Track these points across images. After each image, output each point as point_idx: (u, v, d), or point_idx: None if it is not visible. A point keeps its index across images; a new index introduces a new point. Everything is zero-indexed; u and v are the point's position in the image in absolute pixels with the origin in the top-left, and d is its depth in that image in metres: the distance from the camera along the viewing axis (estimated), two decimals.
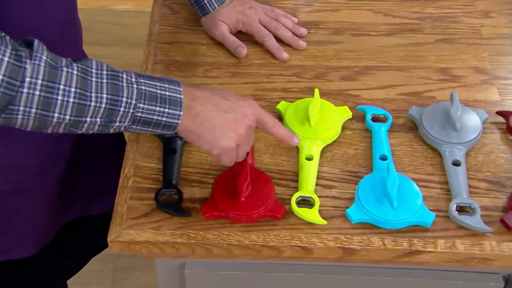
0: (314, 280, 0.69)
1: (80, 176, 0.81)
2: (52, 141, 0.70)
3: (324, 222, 0.62)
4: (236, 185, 0.61)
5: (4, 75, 0.50)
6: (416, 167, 0.69)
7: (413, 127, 0.74)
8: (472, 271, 0.66)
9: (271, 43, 0.82)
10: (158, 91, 0.58)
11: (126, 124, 0.57)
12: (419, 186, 0.66)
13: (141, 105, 0.57)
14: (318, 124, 0.71)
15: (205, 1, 0.80)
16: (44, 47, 0.53)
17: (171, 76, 0.80)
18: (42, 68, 0.51)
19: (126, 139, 0.73)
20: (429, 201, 0.65)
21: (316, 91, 0.73)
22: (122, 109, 0.56)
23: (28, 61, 0.51)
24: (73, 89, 0.53)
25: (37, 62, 0.51)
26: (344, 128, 0.74)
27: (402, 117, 0.75)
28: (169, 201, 0.63)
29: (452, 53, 0.83)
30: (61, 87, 0.52)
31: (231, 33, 0.82)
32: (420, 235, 0.62)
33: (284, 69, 0.82)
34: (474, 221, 0.61)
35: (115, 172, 0.68)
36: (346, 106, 0.75)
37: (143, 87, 0.57)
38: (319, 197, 0.65)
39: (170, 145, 0.68)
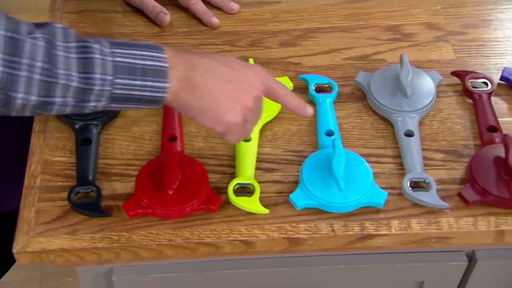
0: (260, 275, 0.69)
1: None
2: None
3: (266, 211, 0.62)
4: (163, 177, 0.59)
5: None
6: (366, 141, 0.69)
7: (361, 95, 0.73)
8: (434, 251, 0.68)
9: (198, 6, 0.79)
10: (138, 61, 0.54)
11: (103, 103, 0.54)
12: (370, 162, 0.66)
13: (119, 81, 0.54)
14: None
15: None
16: (3, 14, 0.50)
17: None
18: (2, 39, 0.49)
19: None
20: (381, 178, 0.65)
21: (250, 61, 0.71)
22: (97, 87, 0.53)
23: None
24: (39, 64, 0.50)
25: None
26: None
27: (349, 85, 0.74)
28: (86, 200, 0.61)
29: (402, 8, 0.83)
30: (25, 61, 0.50)
31: None
32: (373, 217, 0.62)
33: (215, 37, 0.80)
34: (430, 197, 0.62)
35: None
36: (286, 77, 0.74)
37: (119, 59, 0.54)
38: (259, 182, 0.64)
39: (84, 135, 0.66)
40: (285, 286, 0.71)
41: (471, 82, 0.72)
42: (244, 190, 0.64)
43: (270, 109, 0.70)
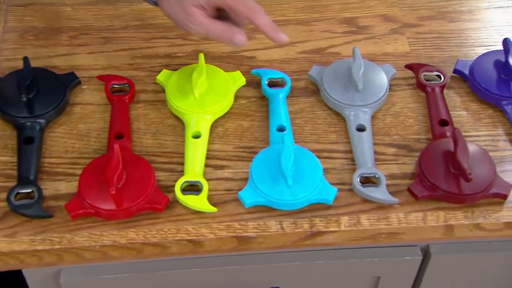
0: (213, 274, 0.68)
1: None
2: None
3: (214, 209, 0.61)
4: (105, 176, 0.58)
5: None
6: (318, 136, 0.68)
7: (315, 90, 0.73)
8: (389, 246, 0.68)
9: (264, 20, 0.64)
10: None
11: None
12: (321, 157, 0.66)
13: None
14: (206, 95, 0.69)
15: None
16: None
17: (27, 46, 0.75)
18: None
19: None
20: (333, 174, 0.65)
21: (201, 56, 0.70)
22: None
23: None
24: None
25: None
26: (237, 97, 0.72)
27: (303, 80, 0.74)
28: (26, 202, 0.59)
29: (359, 0, 0.83)
30: None
31: (210, 16, 0.64)
32: (322, 213, 0.62)
33: (167, 31, 0.78)
34: (379, 193, 0.62)
35: None
36: (239, 71, 0.73)
37: None
38: (209, 180, 0.63)
39: (26, 133, 0.64)
40: (239, 284, 0.71)
41: (424, 75, 0.72)
42: (193, 188, 0.63)
43: (221, 105, 0.69)
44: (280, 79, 0.72)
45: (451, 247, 0.69)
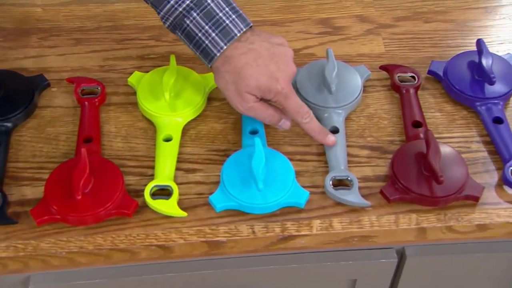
0: (186, 278, 0.67)
1: None
2: None
3: (184, 214, 0.60)
4: (71, 181, 0.57)
5: None
6: (292, 139, 0.68)
7: None
8: (364, 248, 0.67)
9: (312, 126, 0.64)
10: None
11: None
12: (294, 160, 0.65)
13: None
14: (177, 97, 0.68)
15: (205, 41, 0.61)
16: None
17: None
18: None
19: None
20: (305, 176, 0.64)
21: (172, 57, 0.69)
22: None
23: None
24: None
25: None
26: (211, 99, 0.71)
27: None
28: None
29: (335, 0, 0.82)
30: None
31: (259, 99, 0.63)
32: (294, 217, 0.61)
33: (140, 32, 0.77)
34: (352, 196, 0.61)
35: None
36: (212, 73, 0.72)
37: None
38: (180, 184, 0.63)
39: None
40: None
41: (398, 76, 0.72)
42: (163, 193, 0.62)
43: (194, 107, 0.68)
44: None
45: (426, 249, 0.69)
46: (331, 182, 0.62)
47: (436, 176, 0.58)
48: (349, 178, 0.62)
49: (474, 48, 0.71)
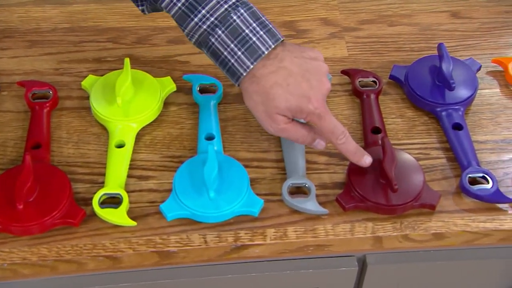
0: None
1: None
2: None
3: (133, 223, 0.58)
4: (13, 190, 0.55)
5: None
6: (250, 145, 0.66)
7: None
8: (325, 256, 0.66)
9: (348, 147, 0.60)
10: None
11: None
12: (251, 167, 0.64)
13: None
14: (132, 102, 0.66)
15: (231, 60, 0.58)
16: None
17: None
18: None
19: None
20: (262, 184, 0.63)
21: (127, 61, 0.67)
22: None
23: None
24: None
25: None
26: (168, 103, 0.69)
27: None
28: None
29: (299, 2, 0.81)
30: None
31: (291, 119, 0.60)
32: (249, 225, 0.60)
33: (98, 34, 0.76)
34: (309, 204, 0.60)
35: None
36: (169, 77, 0.70)
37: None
38: (131, 192, 0.61)
39: None
40: None
41: (360, 81, 0.70)
42: (114, 201, 0.60)
43: (149, 112, 0.66)
44: (212, 85, 0.70)
45: (388, 257, 0.67)
46: (288, 190, 0.61)
47: (390, 184, 0.57)
48: (306, 185, 0.61)
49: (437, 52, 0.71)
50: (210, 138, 0.65)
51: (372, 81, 0.71)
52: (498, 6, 0.81)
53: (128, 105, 0.66)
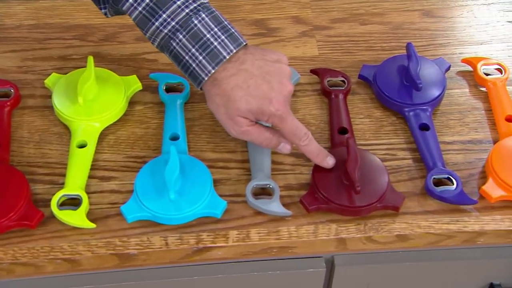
0: None
1: None
2: None
3: (92, 225, 0.57)
4: None
5: None
6: (215, 145, 0.65)
7: None
8: (292, 257, 0.65)
9: (311, 148, 0.60)
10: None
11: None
12: (216, 167, 0.63)
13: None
14: (95, 101, 0.65)
15: (193, 64, 0.58)
16: None
17: None
18: None
19: None
20: (227, 185, 0.62)
21: (90, 59, 0.66)
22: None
23: None
24: None
25: None
26: (133, 102, 0.68)
27: None
28: None
29: (271, 0, 0.80)
30: None
31: (254, 122, 0.59)
32: (211, 227, 0.59)
33: (64, 31, 0.74)
34: (273, 205, 0.59)
35: None
36: (135, 76, 0.69)
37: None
38: (92, 193, 0.60)
39: None
40: None
41: (329, 80, 0.70)
42: (74, 202, 0.59)
43: (112, 111, 0.65)
44: (179, 84, 0.69)
45: (356, 258, 0.67)
46: (252, 191, 0.60)
47: (353, 186, 0.57)
48: (270, 186, 0.60)
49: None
50: (175, 138, 0.64)
51: (341, 80, 0.70)
52: (470, 5, 0.80)
53: (91, 104, 0.65)
